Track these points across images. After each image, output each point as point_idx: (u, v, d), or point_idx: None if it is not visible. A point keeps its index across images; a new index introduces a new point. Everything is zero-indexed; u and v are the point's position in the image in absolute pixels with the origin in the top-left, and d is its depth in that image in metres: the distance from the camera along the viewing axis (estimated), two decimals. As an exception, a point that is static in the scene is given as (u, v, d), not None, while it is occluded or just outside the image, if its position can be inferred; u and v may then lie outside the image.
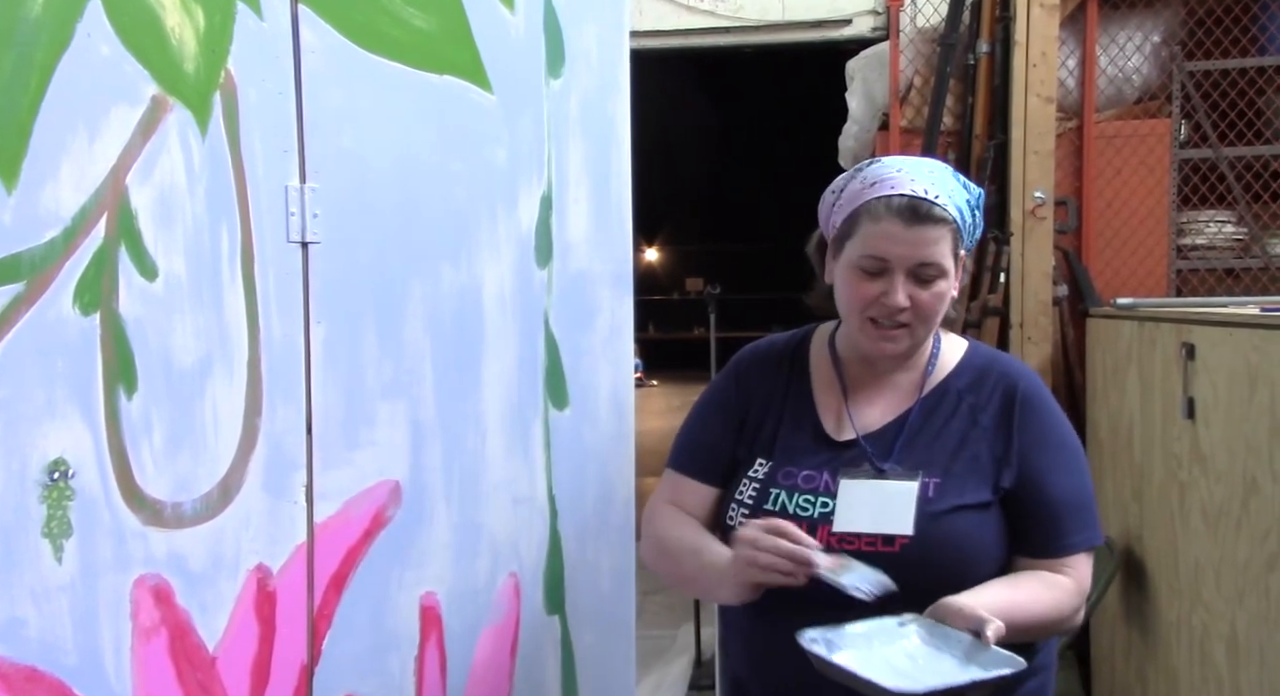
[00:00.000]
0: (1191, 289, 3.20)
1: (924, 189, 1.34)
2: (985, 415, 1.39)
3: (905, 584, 1.28)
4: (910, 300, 1.34)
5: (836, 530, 1.33)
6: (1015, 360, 1.51)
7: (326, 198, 1.56)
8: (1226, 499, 2.15)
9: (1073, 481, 1.38)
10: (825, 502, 1.36)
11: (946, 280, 1.36)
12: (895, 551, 1.31)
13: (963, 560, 1.32)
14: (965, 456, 1.37)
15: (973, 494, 1.35)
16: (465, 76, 1.74)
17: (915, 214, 1.33)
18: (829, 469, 1.39)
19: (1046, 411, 1.41)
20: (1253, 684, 2.05)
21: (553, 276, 1.89)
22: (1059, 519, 1.36)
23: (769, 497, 1.39)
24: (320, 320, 1.57)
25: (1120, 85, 3.30)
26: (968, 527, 1.33)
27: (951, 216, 1.35)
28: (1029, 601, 1.30)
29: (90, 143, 1.32)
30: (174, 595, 1.41)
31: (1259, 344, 2.00)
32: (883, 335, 1.38)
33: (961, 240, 1.38)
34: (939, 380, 1.43)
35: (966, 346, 1.48)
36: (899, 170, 1.36)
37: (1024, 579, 1.34)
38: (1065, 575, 1.35)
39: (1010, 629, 1.22)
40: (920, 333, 1.39)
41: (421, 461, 1.70)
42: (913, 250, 1.33)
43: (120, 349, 1.36)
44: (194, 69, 1.43)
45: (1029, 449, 1.37)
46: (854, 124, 3.61)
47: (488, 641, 1.81)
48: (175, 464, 1.42)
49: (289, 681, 1.54)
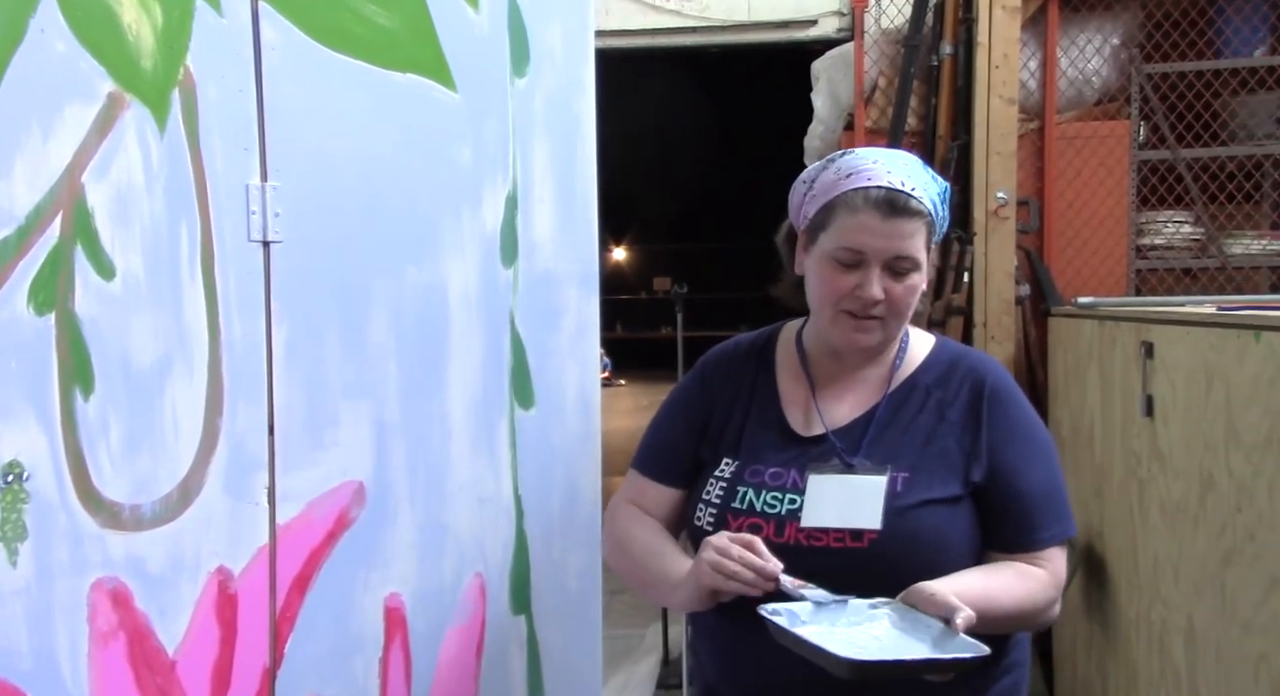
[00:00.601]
0: (1150, 288, 3.24)
1: (900, 181, 1.33)
2: (953, 410, 1.39)
3: (874, 579, 1.28)
4: (885, 293, 1.34)
5: (804, 525, 1.32)
6: (983, 354, 1.51)
7: (288, 196, 1.55)
8: (1184, 495, 2.18)
9: (1043, 474, 1.38)
10: (793, 499, 1.35)
11: (919, 273, 1.36)
12: (864, 547, 1.30)
13: (932, 554, 1.31)
14: (934, 451, 1.36)
15: (941, 488, 1.34)
16: (429, 75, 1.73)
17: (893, 207, 1.32)
18: (796, 465, 1.38)
19: (1015, 405, 1.40)
20: (1209, 677, 2.08)
21: (518, 276, 1.89)
22: (1030, 513, 1.36)
23: (736, 496, 1.38)
24: (282, 320, 1.55)
25: (1080, 87, 3.34)
26: (936, 522, 1.33)
27: (926, 209, 1.34)
28: (1003, 591, 1.30)
29: (44, 140, 1.30)
30: (133, 598, 1.39)
31: (1215, 343, 2.03)
32: (856, 327, 1.37)
33: (934, 233, 1.38)
34: (907, 374, 1.43)
35: (934, 341, 1.48)
36: (874, 162, 1.35)
37: (999, 568, 1.34)
38: (1040, 568, 1.35)
39: (984, 618, 1.22)
40: (893, 326, 1.38)
41: (386, 462, 1.69)
42: (889, 243, 1.32)
43: (76, 349, 1.34)
44: (152, 66, 1.41)
45: (998, 443, 1.37)
46: (819, 124, 3.63)
47: (453, 642, 1.80)
48: (134, 465, 1.40)
49: (251, 685, 1.53)
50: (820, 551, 1.31)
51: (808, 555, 1.31)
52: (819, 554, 1.31)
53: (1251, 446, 1.90)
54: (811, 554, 1.31)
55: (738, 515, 1.37)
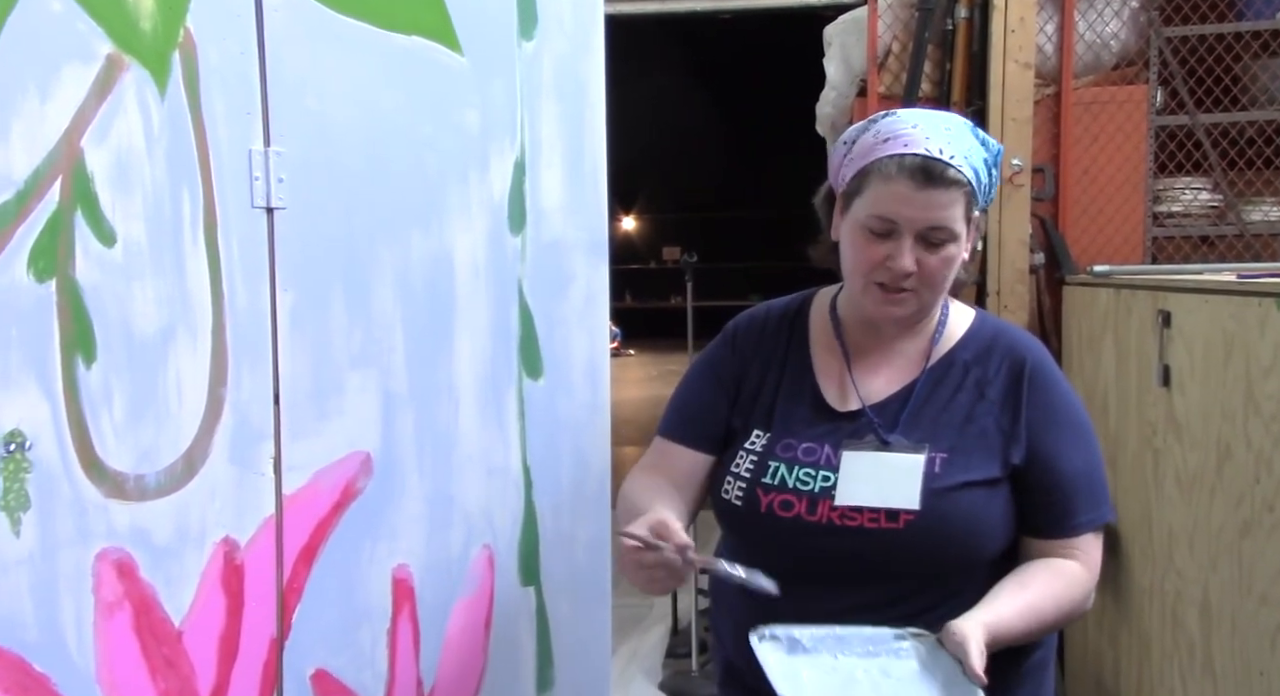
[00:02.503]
0: (1167, 256, 3.19)
1: (939, 149, 1.26)
2: (992, 388, 1.33)
3: (908, 563, 1.25)
4: (917, 264, 1.28)
5: (839, 503, 1.28)
6: (1023, 332, 1.44)
7: (292, 162, 1.52)
8: (1200, 465, 2.15)
9: (1082, 458, 1.33)
10: (826, 476, 1.30)
11: (957, 244, 1.30)
12: (900, 528, 1.26)
13: (968, 538, 1.27)
14: (972, 431, 1.31)
15: (980, 470, 1.29)
16: (434, 37, 1.70)
17: (928, 176, 1.26)
18: (830, 441, 1.33)
19: (1055, 386, 1.35)
20: (1224, 649, 2.07)
21: (526, 244, 1.86)
22: (1067, 498, 1.31)
23: (767, 471, 1.33)
24: (287, 288, 1.53)
25: (1098, 51, 3.27)
26: (974, 505, 1.28)
27: (966, 178, 1.27)
28: (1042, 600, 1.26)
29: (42, 102, 1.27)
30: (138, 569, 1.38)
31: (1235, 311, 2.00)
32: (887, 299, 1.31)
33: (975, 202, 1.31)
34: (946, 349, 1.37)
35: (974, 316, 1.42)
36: (914, 126, 1.28)
37: (1034, 574, 1.28)
38: (1074, 559, 1.31)
39: (1031, 633, 1.22)
40: (926, 297, 1.32)
41: (393, 432, 1.67)
42: (923, 213, 1.26)
43: (78, 316, 1.32)
44: (151, 27, 1.38)
45: (1037, 425, 1.31)
46: (832, 90, 3.57)
47: (461, 614, 1.79)
48: (137, 435, 1.38)
49: (258, 655, 1.52)
50: (854, 532, 1.27)
51: (841, 535, 1.27)
52: (853, 534, 1.27)
53: (1271, 416, 1.87)
54: (845, 534, 1.27)
55: (769, 490, 1.32)
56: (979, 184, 1.30)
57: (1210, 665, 2.13)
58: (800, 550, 1.30)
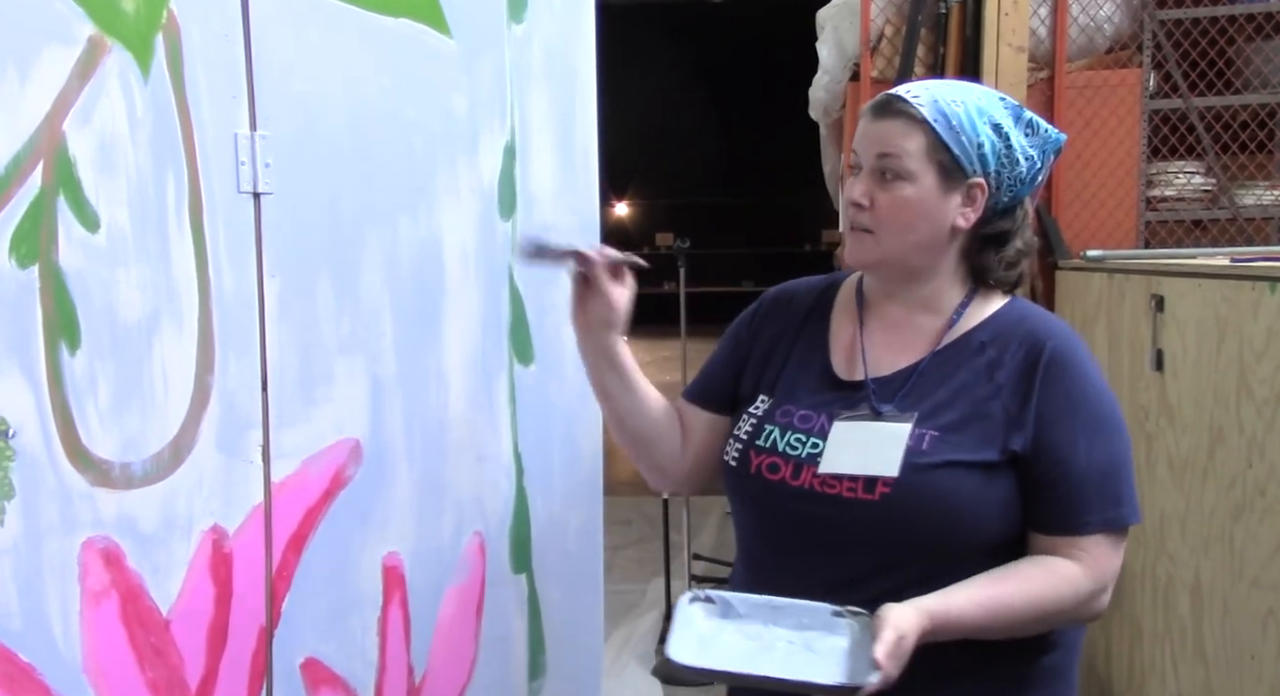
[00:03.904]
0: (1160, 240, 3.19)
1: (907, 90, 1.30)
2: (1003, 371, 1.29)
3: (884, 537, 1.24)
4: (870, 201, 1.29)
5: (821, 471, 1.28)
6: (1055, 320, 1.37)
7: (278, 146, 1.50)
8: (1193, 450, 2.15)
9: (1100, 454, 1.26)
10: (815, 443, 1.30)
11: (913, 185, 1.27)
12: (875, 500, 1.24)
13: (949, 520, 1.24)
14: (973, 412, 1.27)
15: (973, 452, 1.25)
16: (422, 19, 1.67)
17: (881, 108, 1.30)
18: (828, 410, 1.33)
19: (1077, 375, 1.28)
20: (1216, 633, 2.07)
21: (517, 229, 1.84)
22: (1075, 494, 1.24)
23: (761, 434, 1.34)
24: (274, 273, 1.52)
25: (1091, 34, 3.26)
26: (959, 486, 1.24)
27: (921, 114, 1.26)
28: (1012, 595, 1.21)
29: (21, 85, 1.25)
30: (124, 558, 1.37)
31: (1228, 295, 1.99)
32: (851, 237, 1.32)
33: (950, 150, 1.26)
34: (965, 330, 1.33)
35: (1007, 301, 1.37)
36: (914, 82, 1.34)
37: (1017, 568, 1.24)
38: (1075, 559, 1.24)
39: (987, 627, 1.18)
40: (887, 243, 1.30)
41: (382, 419, 1.66)
42: (873, 143, 1.29)
43: (61, 303, 1.31)
44: (133, 8, 1.36)
45: (1049, 414, 1.26)
46: (825, 74, 3.55)
47: (452, 601, 1.78)
48: (123, 422, 1.37)
49: (247, 644, 1.51)
50: (832, 500, 1.26)
51: (820, 502, 1.27)
52: (831, 502, 1.26)
53: (1264, 401, 1.86)
54: (824, 501, 1.27)
55: (759, 453, 1.33)
56: (955, 133, 1.26)
57: (1202, 649, 2.13)
58: (784, 515, 1.31)
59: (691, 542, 3.79)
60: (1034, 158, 1.31)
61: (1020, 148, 1.30)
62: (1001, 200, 1.31)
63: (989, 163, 1.29)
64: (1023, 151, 1.30)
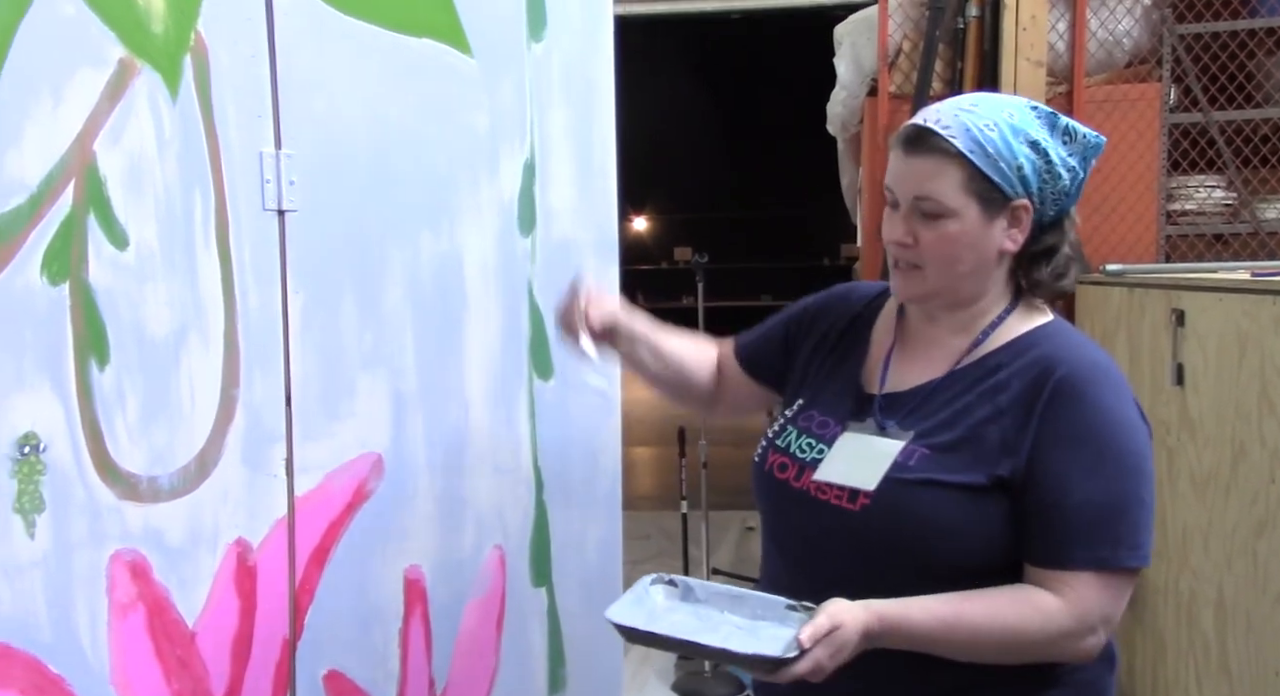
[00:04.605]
0: (1180, 255, 3.17)
1: (935, 119, 1.23)
2: (1005, 395, 1.24)
3: (860, 548, 1.24)
4: (915, 239, 1.25)
5: (815, 478, 1.29)
6: (1083, 346, 1.30)
7: (302, 164, 1.53)
8: (1215, 464, 2.14)
9: (1096, 489, 1.19)
10: (822, 450, 1.32)
11: (956, 221, 1.23)
12: (855, 510, 1.25)
13: (924, 537, 1.21)
14: (968, 434, 1.24)
15: (959, 473, 1.22)
16: (443, 39, 1.70)
17: (911, 143, 1.24)
18: (844, 419, 1.34)
19: (1084, 404, 1.21)
20: (1239, 648, 2.06)
21: (536, 244, 1.86)
22: (1063, 527, 1.19)
23: (783, 435, 1.37)
24: (298, 289, 1.54)
25: (1110, 49, 3.26)
26: (938, 505, 1.21)
27: (955, 148, 1.21)
28: (974, 615, 1.18)
29: (55, 107, 1.28)
30: (151, 570, 1.39)
31: (1249, 309, 1.99)
32: (897, 273, 1.29)
33: (988, 179, 1.22)
34: (988, 351, 1.29)
35: (1041, 322, 1.31)
36: (940, 104, 1.27)
37: (992, 591, 1.20)
38: (1057, 593, 1.19)
39: (940, 642, 1.17)
40: (933, 277, 1.26)
41: (403, 433, 1.68)
42: (908, 182, 1.25)
43: (91, 319, 1.33)
44: (163, 31, 1.38)
45: (1046, 443, 1.20)
46: (842, 90, 3.56)
47: (473, 614, 1.79)
48: (150, 437, 1.39)
49: (271, 656, 1.52)
50: (821, 506, 1.28)
51: (811, 506, 1.29)
52: (820, 508, 1.28)
53: (1286, 415, 1.86)
54: (815, 506, 1.28)
55: (775, 452, 1.35)
56: (992, 160, 1.22)
57: (1226, 664, 2.12)
58: (785, 515, 1.34)
59: (710, 557, 3.79)
60: (1075, 168, 1.27)
61: (1061, 160, 1.25)
62: (1047, 215, 1.28)
63: (1030, 183, 1.25)
64: (1064, 164, 1.26)
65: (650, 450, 6.26)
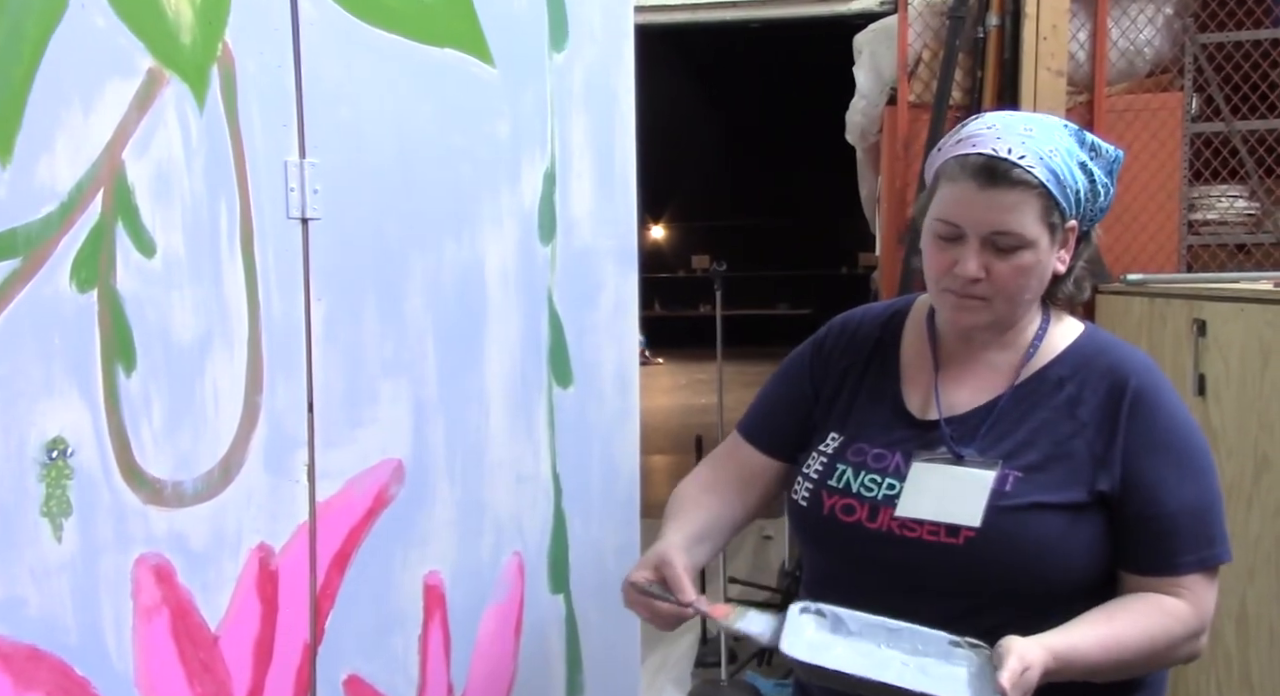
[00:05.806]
0: (1202, 264, 3.16)
1: (1007, 148, 1.20)
2: (1085, 408, 1.24)
3: (970, 581, 1.21)
4: (988, 272, 1.22)
5: (899, 514, 1.24)
6: (1134, 351, 1.32)
7: (326, 173, 1.54)
8: (1238, 476, 2.13)
9: (1191, 492, 1.22)
10: (892, 484, 1.27)
11: (1032, 251, 1.22)
12: (959, 544, 1.21)
13: (1036, 562, 1.20)
14: (1056, 452, 1.23)
15: (1060, 493, 1.21)
16: (466, 49, 1.71)
17: (990, 175, 1.20)
18: (903, 449, 1.29)
19: (1163, 412, 1.24)
20: (1262, 661, 2.04)
21: (556, 253, 1.87)
22: (1170, 534, 1.21)
23: (834, 474, 1.31)
24: (321, 297, 1.55)
25: (1131, 58, 3.25)
26: (1047, 528, 1.20)
27: (1037, 179, 1.19)
28: (1128, 632, 1.18)
29: (85, 116, 1.30)
30: (175, 574, 1.40)
31: (1271, 319, 1.98)
32: (959, 305, 1.25)
33: (1059, 206, 1.22)
34: (1041, 365, 1.29)
35: (1081, 331, 1.32)
36: (989, 127, 1.23)
37: (1127, 605, 1.21)
38: (1179, 598, 1.21)
39: (1111, 668, 1.16)
40: (1001, 307, 1.25)
41: (424, 440, 1.69)
42: (985, 215, 1.20)
43: (118, 326, 1.35)
44: (191, 41, 1.40)
45: (1137, 453, 1.22)
46: (862, 99, 3.57)
47: (491, 620, 1.80)
48: (175, 442, 1.40)
49: (292, 660, 1.54)
50: (913, 543, 1.23)
51: (900, 545, 1.24)
52: (912, 546, 1.24)
53: (1309, 427, 1.85)
54: (904, 545, 1.24)
55: (832, 493, 1.30)
56: (1064, 188, 1.22)
57: (1248, 677, 2.10)
58: (859, 557, 1.28)
59: (727, 566, 3.78)
60: (1108, 184, 1.28)
61: (1100, 179, 1.26)
62: (1082, 231, 1.29)
63: (1081, 205, 1.25)
64: (1101, 182, 1.26)
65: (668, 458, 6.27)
